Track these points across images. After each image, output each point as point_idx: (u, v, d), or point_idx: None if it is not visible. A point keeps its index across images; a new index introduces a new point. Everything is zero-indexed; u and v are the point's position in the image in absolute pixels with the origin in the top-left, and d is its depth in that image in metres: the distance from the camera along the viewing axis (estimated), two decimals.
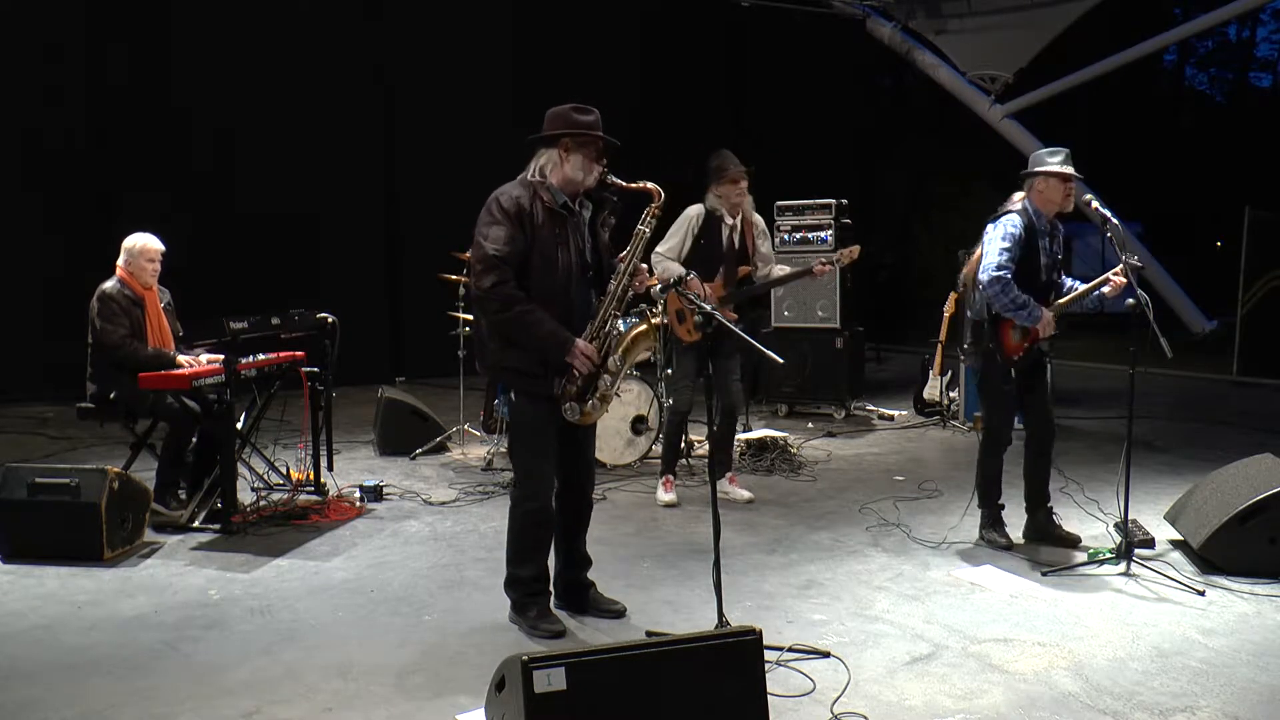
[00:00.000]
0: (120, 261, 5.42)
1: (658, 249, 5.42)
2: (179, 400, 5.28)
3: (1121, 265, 4.55)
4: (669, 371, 5.86)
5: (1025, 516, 4.98)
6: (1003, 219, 4.70)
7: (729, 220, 5.56)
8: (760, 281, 5.70)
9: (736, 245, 5.60)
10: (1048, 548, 4.82)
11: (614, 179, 3.83)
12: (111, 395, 5.27)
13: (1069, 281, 4.85)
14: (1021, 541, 4.87)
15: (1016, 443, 4.91)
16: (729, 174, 5.47)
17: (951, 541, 4.96)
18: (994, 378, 4.78)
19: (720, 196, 5.49)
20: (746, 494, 5.86)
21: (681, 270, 5.29)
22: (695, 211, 5.55)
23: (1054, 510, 4.97)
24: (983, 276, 4.64)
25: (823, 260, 5.65)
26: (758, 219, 5.73)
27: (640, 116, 11.39)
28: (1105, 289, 4.64)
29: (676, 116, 12.01)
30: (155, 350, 5.31)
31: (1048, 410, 4.89)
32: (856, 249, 5.78)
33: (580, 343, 3.71)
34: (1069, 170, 4.64)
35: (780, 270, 5.76)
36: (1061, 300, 4.75)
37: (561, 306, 3.74)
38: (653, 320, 3.91)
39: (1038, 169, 4.69)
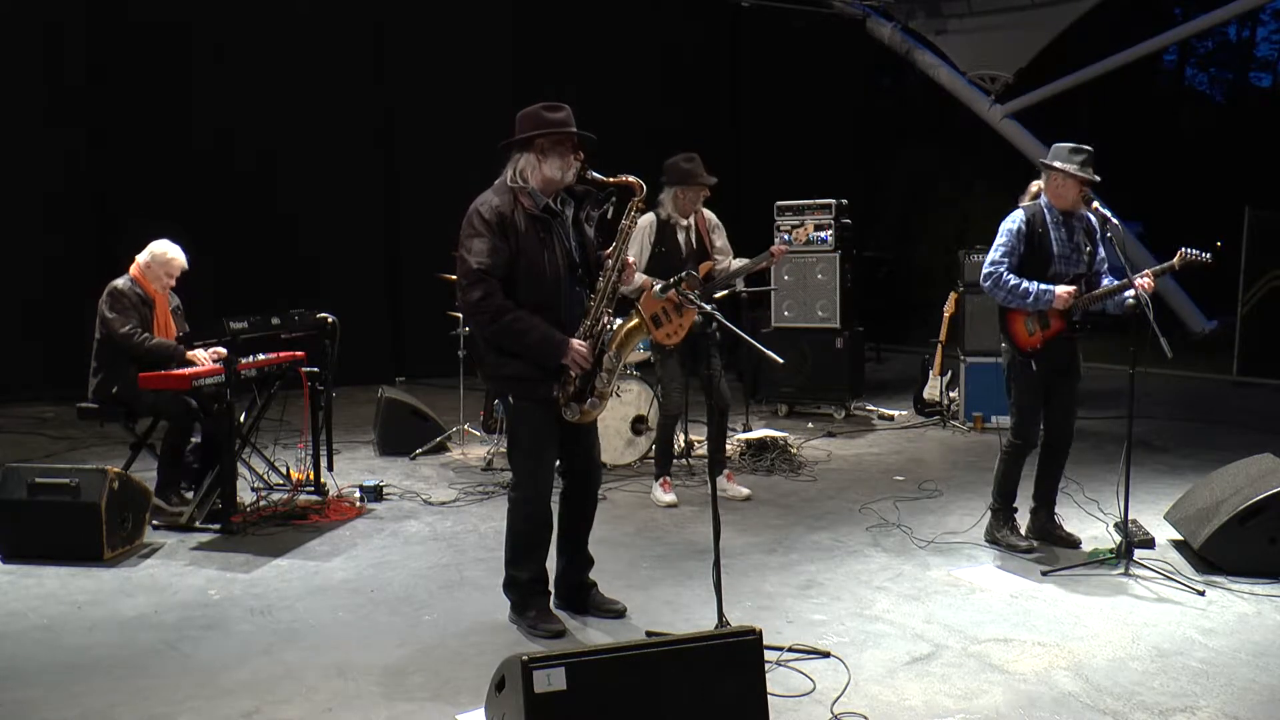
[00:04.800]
0: (139, 260, 5.44)
1: None
2: (179, 398, 5.28)
3: (1149, 270, 4.52)
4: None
5: (1028, 515, 4.98)
6: (1007, 216, 4.75)
7: (682, 222, 5.58)
8: (722, 275, 5.71)
9: (694, 245, 5.64)
10: (1047, 548, 4.82)
11: (594, 174, 3.82)
12: (114, 390, 5.28)
13: (1106, 280, 4.72)
14: (1037, 544, 4.84)
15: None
16: (700, 180, 5.52)
17: (951, 541, 4.96)
18: (1015, 372, 4.78)
19: (680, 198, 5.53)
20: (744, 491, 5.87)
21: (645, 278, 5.30)
22: (648, 220, 5.56)
23: (1056, 511, 4.97)
24: (981, 276, 4.74)
25: (780, 242, 5.71)
26: (709, 214, 5.77)
27: (640, 117, 11.41)
28: (1129, 292, 4.52)
29: (677, 117, 12.01)
30: (164, 343, 5.32)
31: (1069, 413, 4.84)
32: (811, 225, 5.88)
33: (575, 343, 3.71)
34: (1081, 174, 4.57)
35: (739, 261, 5.79)
36: (1085, 296, 4.65)
37: (553, 310, 3.73)
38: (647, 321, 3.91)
39: (1054, 163, 4.64)
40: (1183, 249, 4.51)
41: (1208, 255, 4.47)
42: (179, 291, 5.70)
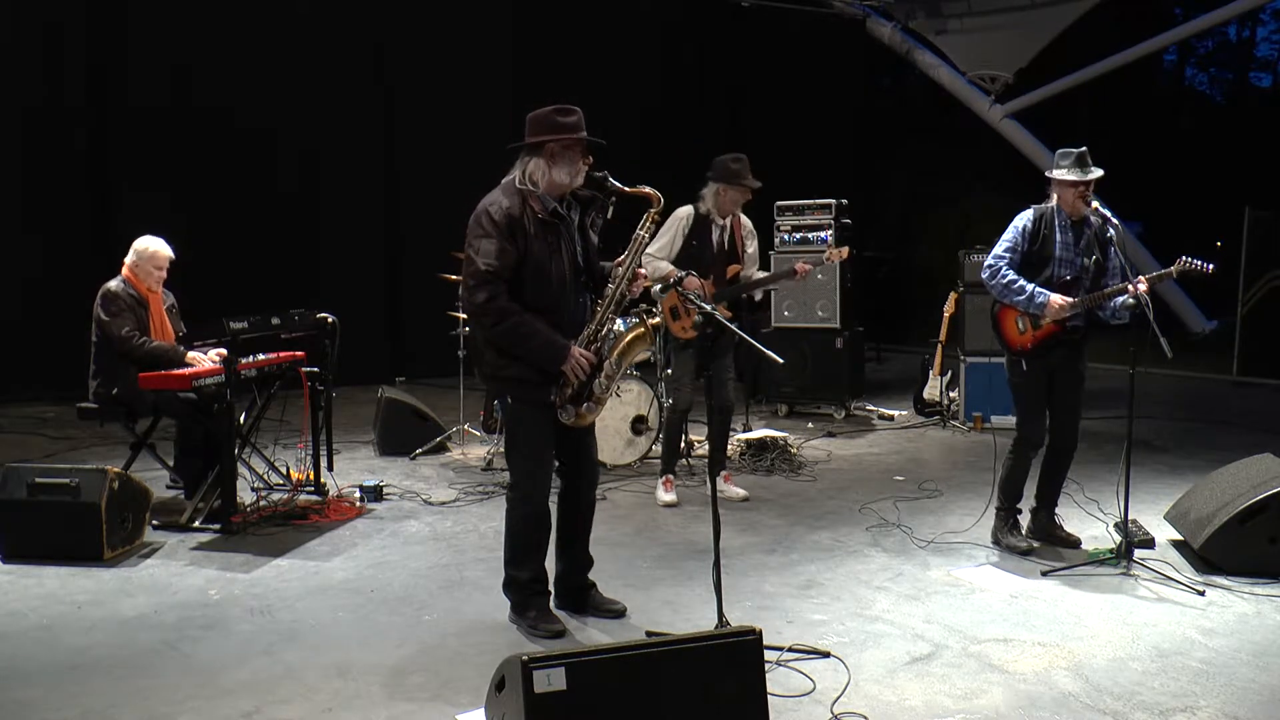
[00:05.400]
0: (127, 261, 5.44)
1: (648, 249, 5.42)
2: (178, 398, 5.27)
3: (1145, 277, 4.51)
4: (668, 371, 5.87)
5: (1028, 515, 4.98)
6: (1019, 214, 4.76)
7: (719, 221, 5.58)
8: (745, 281, 5.71)
9: (726, 245, 5.63)
10: (1048, 548, 4.82)
11: (614, 182, 3.81)
12: (114, 392, 5.27)
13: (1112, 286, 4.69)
14: (1036, 545, 4.84)
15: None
16: (745, 183, 5.48)
17: (951, 541, 4.96)
18: (1011, 372, 4.80)
19: (721, 195, 5.50)
20: (741, 492, 5.87)
21: (671, 268, 5.31)
22: (685, 213, 5.57)
23: (1056, 512, 4.97)
24: (983, 266, 4.77)
25: (804, 260, 5.72)
26: (746, 220, 5.77)
27: (640, 117, 11.42)
28: (1123, 297, 4.54)
29: (677, 116, 12.02)
30: (163, 345, 5.32)
31: (1071, 414, 4.81)
32: (845, 249, 5.89)
33: (576, 349, 3.71)
34: (1068, 177, 4.59)
35: (761, 274, 5.80)
36: (1082, 298, 4.63)
37: (556, 314, 3.74)
38: (651, 322, 3.90)
39: (1049, 173, 4.71)
40: (1182, 257, 4.45)
41: (1209, 266, 4.39)
42: (174, 288, 5.70)
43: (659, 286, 5.02)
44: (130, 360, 5.21)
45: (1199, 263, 4.40)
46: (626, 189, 3.83)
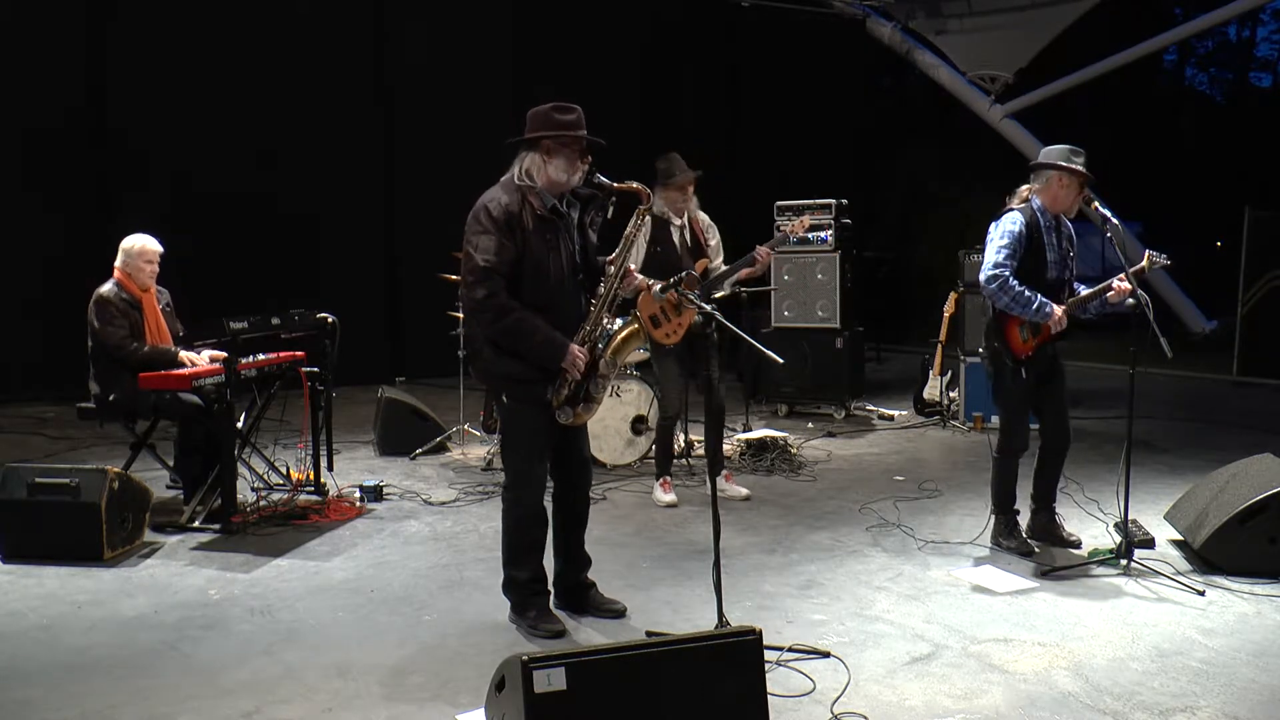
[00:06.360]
0: (117, 263, 5.40)
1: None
2: (179, 399, 5.27)
3: (1125, 273, 4.53)
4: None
5: (1028, 516, 4.97)
6: (1004, 217, 4.68)
7: (676, 221, 5.60)
8: (714, 274, 5.70)
9: (689, 242, 5.65)
10: (1047, 548, 4.82)
11: (602, 178, 3.82)
12: (111, 397, 5.26)
13: (1079, 288, 4.78)
14: (1037, 546, 4.83)
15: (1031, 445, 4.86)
16: (676, 180, 5.52)
17: (951, 541, 4.96)
18: (1004, 378, 4.74)
19: (665, 196, 5.53)
20: (743, 491, 5.87)
21: (641, 278, 5.28)
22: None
23: (1056, 511, 4.96)
24: (981, 277, 4.65)
25: (776, 234, 5.73)
26: (702, 215, 5.78)
27: (640, 117, 11.42)
28: (1109, 294, 4.61)
29: (676, 116, 12.02)
30: (156, 348, 5.30)
31: (1063, 413, 4.83)
32: (807, 219, 5.92)
33: (575, 347, 3.71)
34: (1083, 170, 4.58)
35: (726, 266, 5.78)
36: (1070, 300, 4.69)
37: (554, 311, 3.74)
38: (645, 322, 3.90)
39: (1059, 163, 4.61)
40: (1147, 251, 4.73)
41: (1165, 257, 4.73)
42: (175, 288, 5.69)
43: (659, 287, 5.01)
44: (126, 367, 5.19)
45: (1159, 255, 4.74)
46: (615, 185, 3.82)
